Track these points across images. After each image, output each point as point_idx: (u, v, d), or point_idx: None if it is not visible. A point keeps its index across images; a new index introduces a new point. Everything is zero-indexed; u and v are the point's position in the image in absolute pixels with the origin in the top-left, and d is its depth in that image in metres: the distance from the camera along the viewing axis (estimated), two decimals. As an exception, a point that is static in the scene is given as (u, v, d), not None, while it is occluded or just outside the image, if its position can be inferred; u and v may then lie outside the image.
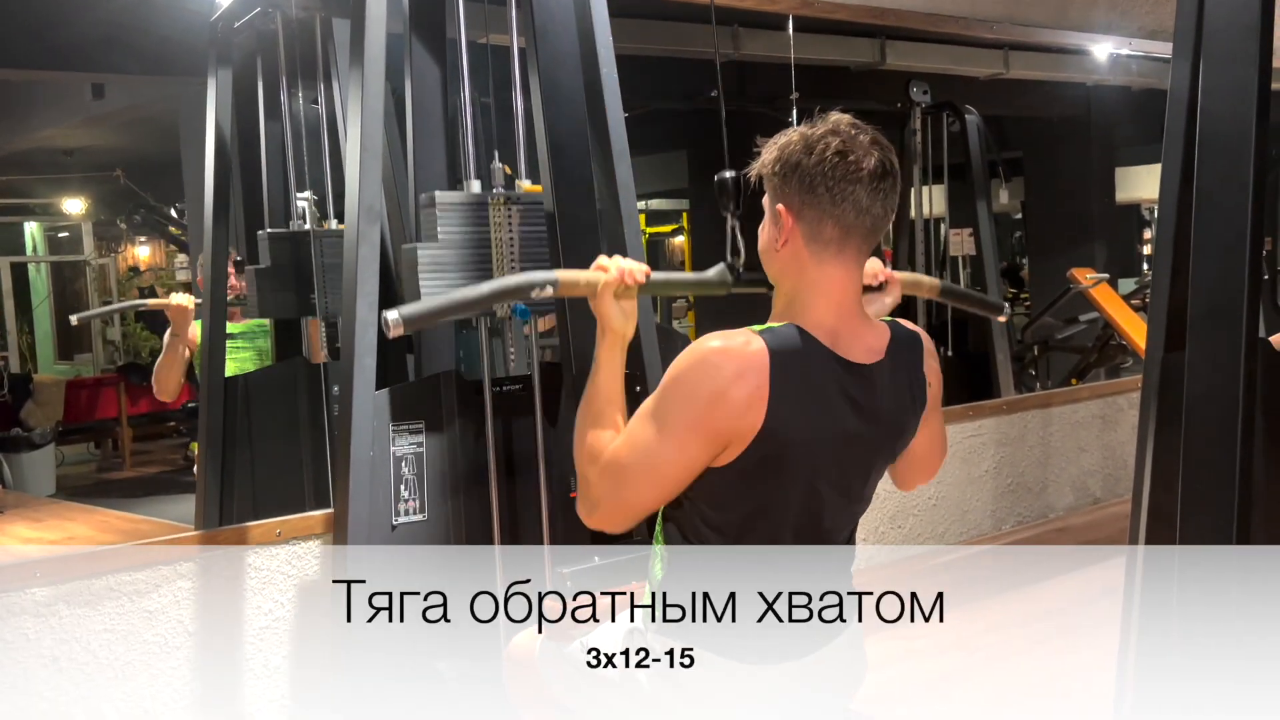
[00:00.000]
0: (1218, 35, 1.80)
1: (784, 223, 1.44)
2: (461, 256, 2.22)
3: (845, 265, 1.45)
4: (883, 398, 1.48)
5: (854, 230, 1.43)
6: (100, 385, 7.20)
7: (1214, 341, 1.78)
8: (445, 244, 2.20)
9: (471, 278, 2.21)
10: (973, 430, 4.22)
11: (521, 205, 2.30)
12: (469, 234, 2.24)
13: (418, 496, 2.32)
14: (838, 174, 1.40)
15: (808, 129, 1.44)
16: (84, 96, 4.90)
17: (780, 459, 1.41)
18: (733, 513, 1.46)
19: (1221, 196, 1.78)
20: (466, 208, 2.25)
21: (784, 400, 1.38)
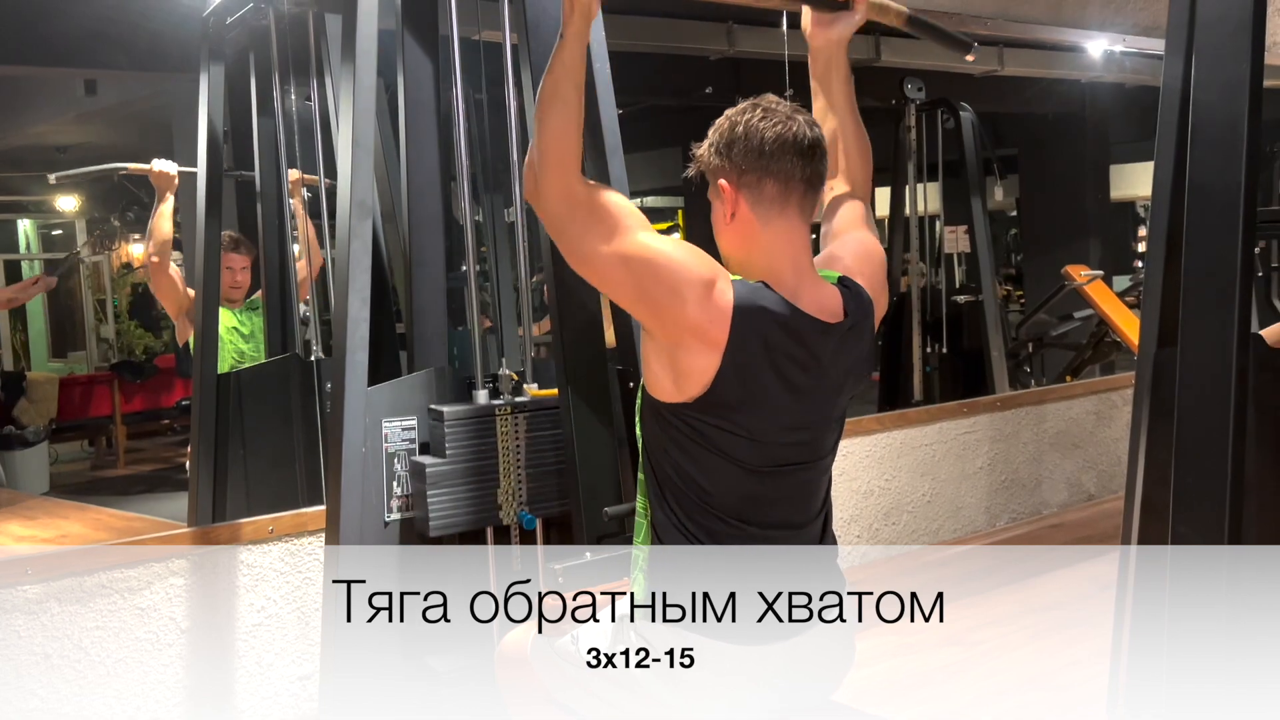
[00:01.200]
0: (1210, 31, 1.80)
1: (727, 196, 1.53)
2: (469, 469, 2.25)
3: (791, 222, 1.52)
4: (839, 355, 1.54)
5: (793, 185, 1.51)
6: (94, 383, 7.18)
7: (1206, 337, 1.78)
8: (453, 458, 2.23)
9: (478, 488, 2.25)
10: (967, 427, 4.22)
11: (528, 413, 2.31)
12: (476, 446, 2.26)
13: (410, 492, 2.31)
14: (766, 135, 1.50)
15: (732, 110, 1.54)
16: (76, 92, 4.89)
17: (739, 402, 1.47)
18: (700, 457, 1.50)
19: (1214, 192, 1.78)
20: (474, 421, 2.26)
21: (740, 351, 1.45)
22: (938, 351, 5.43)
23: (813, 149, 1.51)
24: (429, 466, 2.20)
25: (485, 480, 2.27)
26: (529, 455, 2.31)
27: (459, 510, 2.22)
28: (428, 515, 2.19)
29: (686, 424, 1.49)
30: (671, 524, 1.53)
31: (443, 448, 2.22)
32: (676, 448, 1.51)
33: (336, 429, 2.15)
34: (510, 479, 2.29)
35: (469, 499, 2.23)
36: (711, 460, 1.50)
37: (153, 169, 3.24)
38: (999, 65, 4.96)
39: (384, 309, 3.00)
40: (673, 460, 1.51)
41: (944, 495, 4.15)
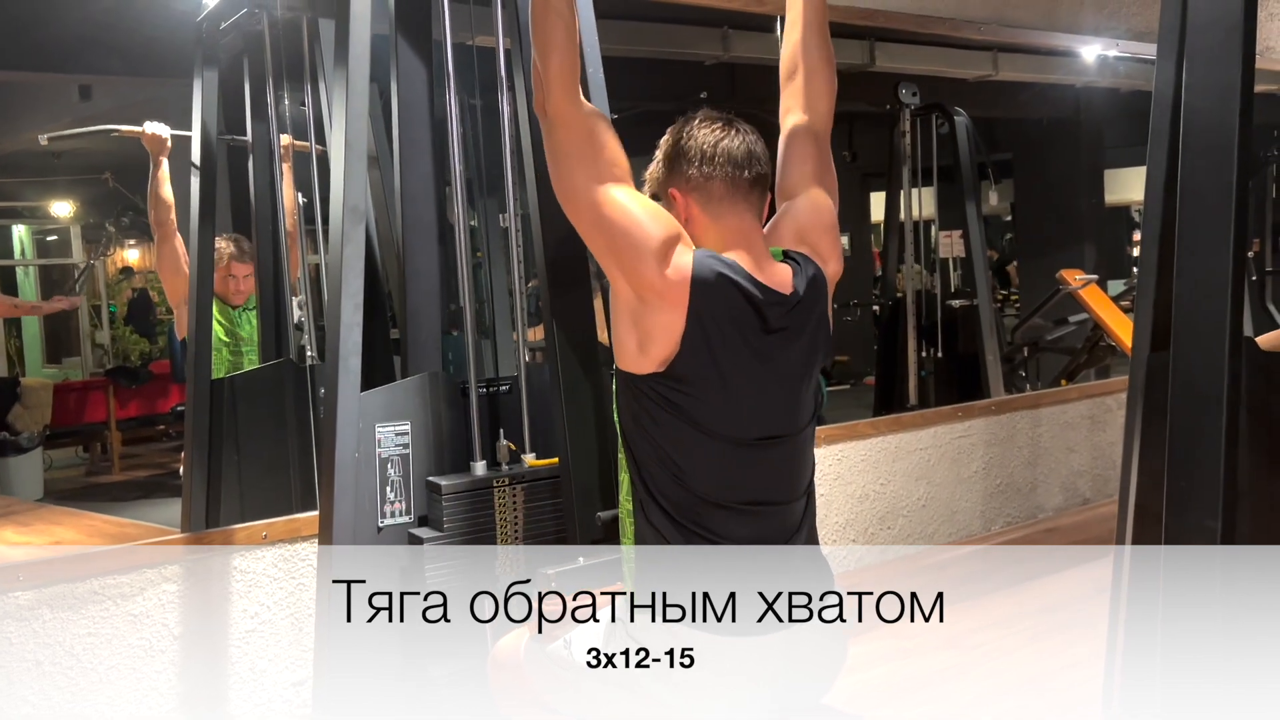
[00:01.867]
0: (1201, 35, 1.80)
1: (678, 201, 1.61)
2: (466, 541, 2.24)
3: (740, 216, 1.60)
4: (799, 322, 1.59)
5: (738, 180, 1.59)
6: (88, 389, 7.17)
7: (1199, 341, 1.78)
8: (450, 533, 2.22)
9: (475, 562, 2.24)
10: (962, 431, 4.22)
11: (526, 484, 2.31)
12: (474, 519, 2.26)
13: (404, 498, 2.31)
14: (704, 139, 1.60)
15: (672, 128, 1.66)
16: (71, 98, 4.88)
17: (705, 368, 1.52)
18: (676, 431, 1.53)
19: (1206, 196, 1.78)
20: (471, 494, 2.26)
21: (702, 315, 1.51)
22: (933, 356, 5.43)
23: (750, 158, 1.60)
24: (427, 541, 2.21)
25: (483, 553, 2.26)
26: (527, 526, 2.30)
27: (456, 584, 2.22)
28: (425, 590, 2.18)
29: (657, 393, 1.52)
30: (654, 503, 1.54)
31: (440, 522, 2.22)
32: (649, 419, 1.53)
33: (329, 434, 2.15)
34: (508, 552, 2.28)
35: (467, 573, 2.23)
36: (685, 433, 1.52)
37: (144, 131, 3.23)
38: (993, 70, 4.97)
39: (377, 314, 3.00)
40: (648, 435, 1.53)
41: (939, 499, 4.14)
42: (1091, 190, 7.81)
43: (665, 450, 1.53)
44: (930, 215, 5.64)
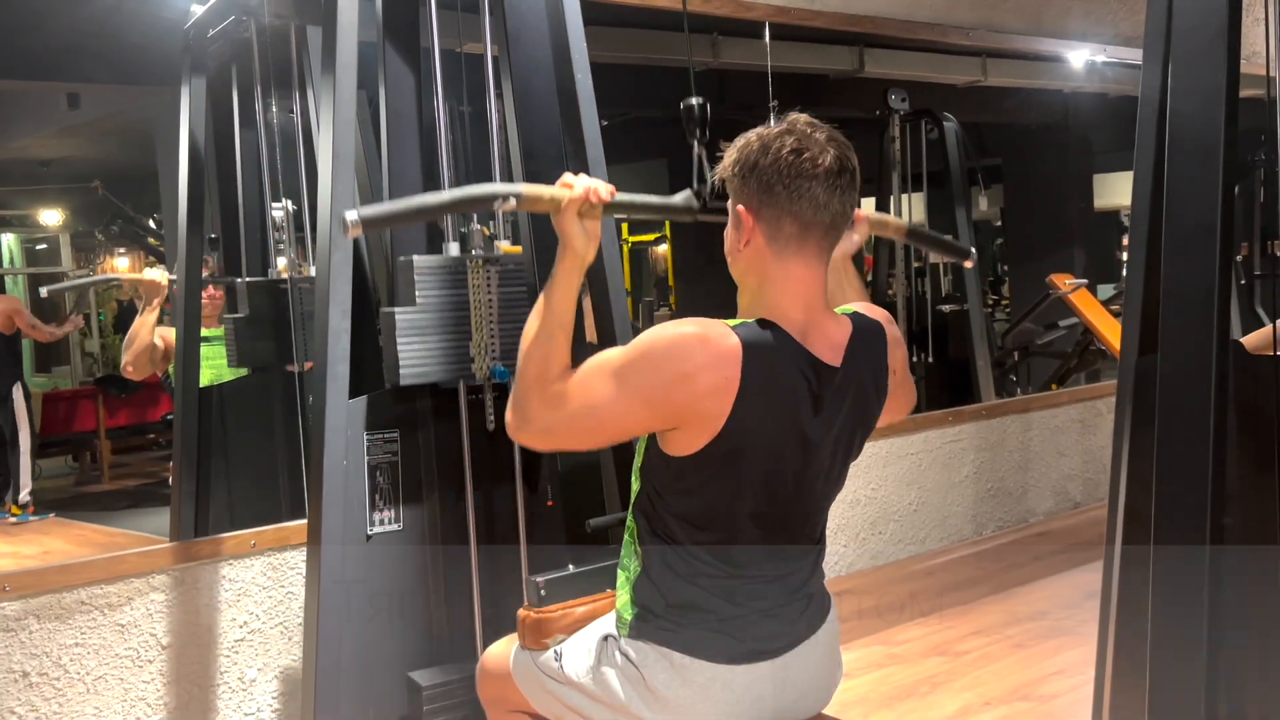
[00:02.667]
0: (1186, 39, 1.81)
1: (744, 223, 1.47)
2: (440, 319, 2.21)
3: (807, 261, 1.47)
4: (846, 397, 1.50)
5: (813, 226, 1.45)
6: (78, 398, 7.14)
7: (1186, 343, 1.78)
8: (423, 308, 2.19)
9: (451, 340, 2.21)
10: (953, 435, 4.22)
11: (500, 267, 2.29)
12: (447, 297, 2.22)
13: (393, 506, 2.30)
14: (793, 171, 1.42)
15: (764, 130, 1.46)
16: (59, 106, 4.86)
17: (743, 451, 1.43)
18: (698, 502, 1.47)
19: (1192, 199, 1.78)
20: (444, 271, 2.23)
21: (751, 396, 1.40)
22: (924, 361, 5.44)
23: (844, 184, 1.44)
24: (399, 314, 2.15)
25: (457, 332, 2.21)
26: (501, 309, 2.26)
27: (430, 361, 2.18)
28: (398, 364, 2.13)
29: (684, 469, 1.45)
30: (662, 553, 1.50)
31: (412, 296, 2.16)
32: (670, 490, 1.48)
33: (318, 442, 2.14)
34: (483, 332, 2.24)
35: (440, 350, 2.18)
36: (709, 502, 1.47)
37: (144, 278, 3.19)
38: (982, 75, 4.99)
39: (366, 322, 2.99)
40: (665, 498, 1.48)
41: (930, 504, 4.15)
42: (1081, 195, 7.84)
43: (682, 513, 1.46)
44: (920, 220, 5.65)
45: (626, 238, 10.29)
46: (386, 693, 2.28)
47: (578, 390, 1.45)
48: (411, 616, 2.32)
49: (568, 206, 1.52)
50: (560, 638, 1.70)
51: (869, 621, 3.53)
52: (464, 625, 2.35)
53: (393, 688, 2.28)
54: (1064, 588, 3.84)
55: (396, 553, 2.30)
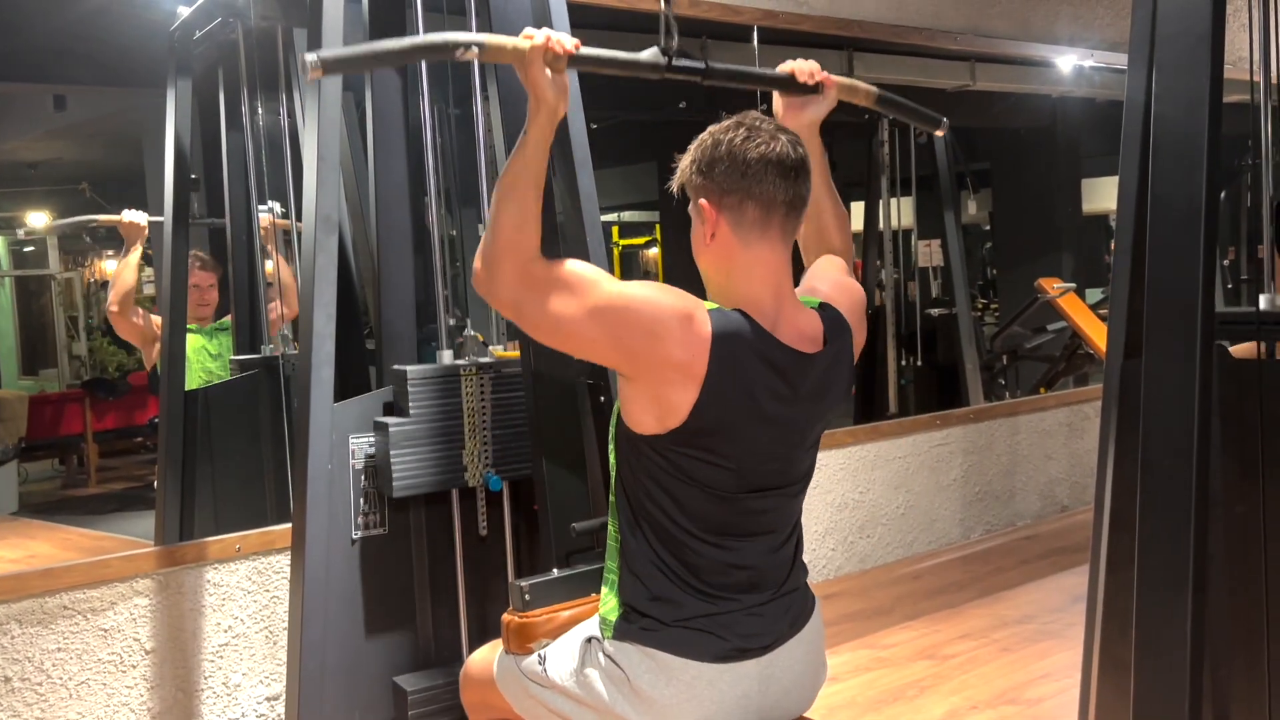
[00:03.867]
0: (1170, 44, 1.81)
1: (708, 216, 1.50)
2: (433, 429, 2.22)
3: (772, 246, 1.50)
4: (818, 385, 1.53)
5: (774, 208, 1.48)
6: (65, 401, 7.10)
7: (1170, 348, 1.79)
8: (417, 419, 2.19)
9: (444, 450, 2.22)
10: (940, 439, 4.23)
11: (494, 374, 2.29)
12: (441, 406, 2.23)
13: (378, 510, 2.29)
14: (750, 155, 1.47)
15: (715, 127, 1.51)
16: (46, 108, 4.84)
17: (710, 434, 1.45)
18: (669, 490, 1.49)
19: (1175, 203, 1.79)
20: (438, 381, 2.23)
21: (716, 384, 1.43)
22: (913, 364, 5.45)
23: (796, 170, 1.49)
24: (392, 426, 2.15)
25: (450, 441, 2.22)
26: (495, 416, 2.27)
27: (423, 471, 2.18)
28: (391, 476, 2.14)
29: (663, 456, 1.47)
30: (643, 552, 1.51)
31: (406, 407, 2.17)
32: (651, 479, 1.49)
33: (302, 446, 2.13)
34: (476, 440, 2.25)
35: (434, 460, 2.19)
36: (686, 491, 1.49)
37: (122, 220, 3.22)
38: (971, 80, 5.00)
39: (352, 324, 2.98)
40: (646, 489, 1.50)
41: (918, 507, 4.15)
42: (1069, 199, 7.86)
43: (661, 503, 1.48)
44: (909, 225, 5.66)
45: (617, 241, 10.30)
46: (371, 698, 2.27)
47: (555, 296, 1.43)
48: (397, 621, 2.31)
49: (532, 56, 1.49)
50: (545, 642, 1.69)
51: (856, 625, 3.53)
52: (449, 630, 2.34)
53: (378, 693, 2.27)
54: (1051, 591, 3.84)
55: (382, 557, 2.29)
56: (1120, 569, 1.95)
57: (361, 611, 2.26)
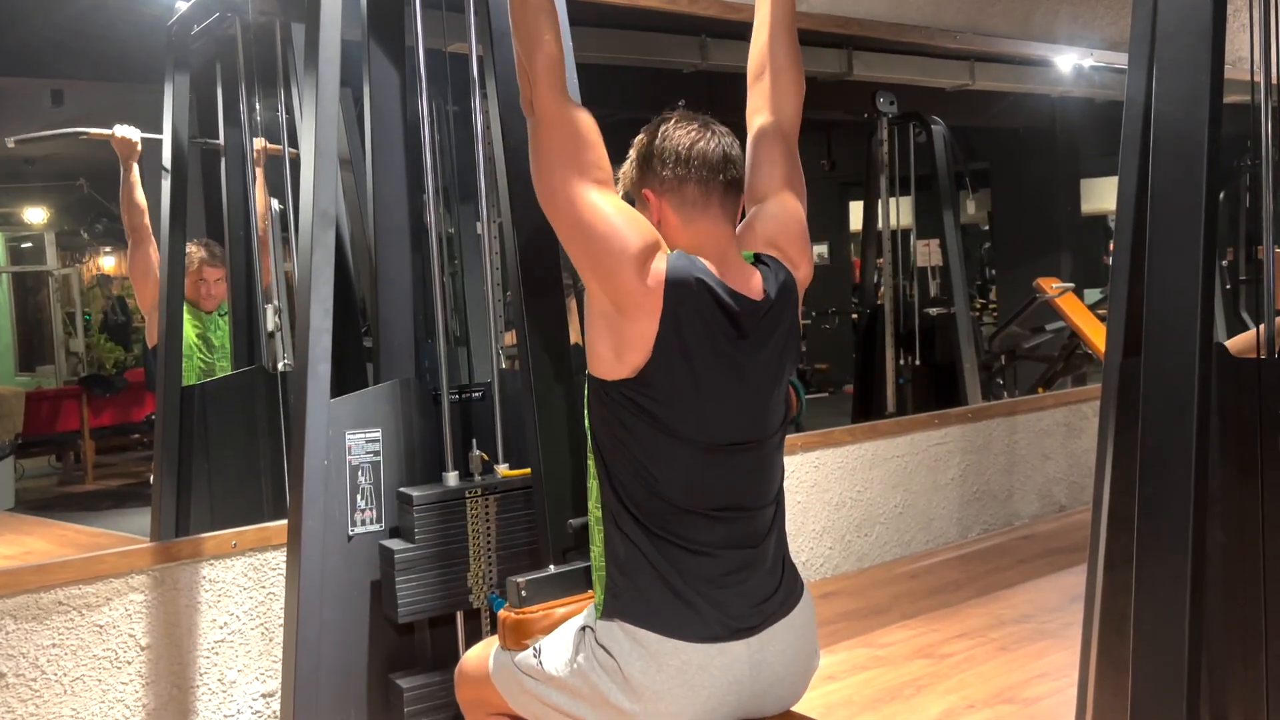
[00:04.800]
0: (1170, 42, 1.81)
1: (652, 204, 1.60)
2: (438, 553, 2.20)
3: (714, 220, 1.59)
4: (766, 327, 1.58)
5: (712, 185, 1.58)
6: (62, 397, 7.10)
7: (1169, 346, 1.78)
8: (421, 544, 2.19)
9: (447, 572, 2.21)
10: (939, 438, 4.23)
11: (499, 494, 2.28)
12: (446, 530, 2.22)
13: (375, 506, 2.28)
14: (680, 140, 1.58)
15: (647, 126, 1.64)
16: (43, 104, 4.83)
17: (673, 371, 1.51)
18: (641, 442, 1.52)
19: (1175, 202, 1.78)
20: (442, 504, 2.22)
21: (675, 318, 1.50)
22: (911, 364, 5.45)
23: (725, 161, 1.59)
24: (397, 553, 2.16)
25: (455, 564, 2.23)
26: (500, 537, 2.27)
27: (428, 596, 2.19)
28: (396, 602, 2.15)
29: (629, 399, 1.51)
30: (623, 509, 1.53)
31: (412, 533, 2.18)
32: (621, 427, 1.52)
33: (299, 442, 2.13)
34: (480, 562, 2.25)
35: (438, 584, 2.20)
36: (657, 440, 1.51)
37: (114, 134, 3.19)
38: (970, 79, 5.00)
39: (349, 320, 2.97)
40: (618, 440, 1.52)
41: (916, 507, 4.15)
42: (1068, 199, 7.87)
43: (636, 456, 1.52)
44: (908, 224, 5.66)
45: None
46: (367, 695, 2.26)
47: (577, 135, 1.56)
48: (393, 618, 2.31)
49: None
50: (540, 638, 1.69)
51: (854, 623, 3.53)
52: (446, 627, 2.33)
53: (374, 690, 2.27)
54: (1048, 591, 3.84)
55: (378, 553, 2.28)
56: (1118, 569, 1.95)
57: (357, 608, 2.26)
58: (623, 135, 1.72)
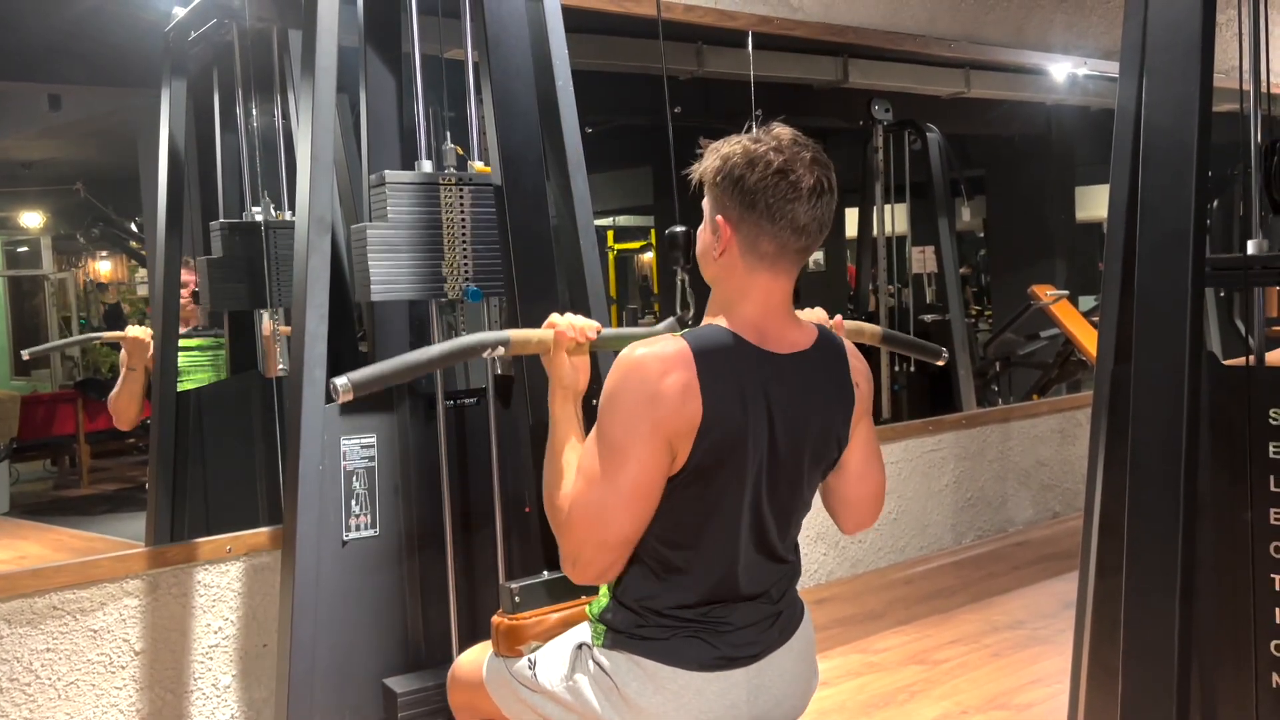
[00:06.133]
0: (1160, 52, 1.82)
1: (723, 234, 1.48)
2: (411, 237, 2.18)
3: (777, 276, 1.50)
4: (808, 387, 1.51)
5: (789, 246, 1.47)
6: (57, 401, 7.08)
7: (1159, 354, 1.80)
8: (395, 223, 2.16)
9: (422, 258, 2.18)
10: (933, 444, 4.24)
11: (473, 186, 2.26)
12: (419, 214, 2.19)
13: (369, 511, 2.29)
14: (778, 193, 1.43)
15: (751, 142, 1.46)
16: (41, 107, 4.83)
17: (725, 447, 1.43)
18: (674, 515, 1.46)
19: (1165, 210, 1.80)
20: (417, 188, 2.20)
21: (715, 390, 1.42)
22: (905, 370, 5.46)
23: (824, 201, 1.45)
24: (370, 229, 2.13)
25: (429, 251, 2.19)
26: (474, 230, 2.24)
27: (402, 279, 2.15)
28: (369, 280, 2.11)
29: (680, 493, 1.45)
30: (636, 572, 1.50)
31: (385, 212, 2.15)
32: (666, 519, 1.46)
33: (294, 446, 2.13)
34: (455, 252, 2.22)
35: (412, 267, 2.16)
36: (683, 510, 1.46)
37: (127, 335, 3.12)
38: (966, 87, 5.02)
39: (345, 326, 2.98)
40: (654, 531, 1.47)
41: (910, 513, 4.16)
42: (1063, 207, 7.89)
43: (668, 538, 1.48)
44: (903, 231, 5.67)
45: (612, 245, 10.30)
46: (361, 699, 2.26)
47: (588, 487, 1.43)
48: (387, 623, 2.31)
49: (556, 347, 1.59)
50: (534, 644, 1.69)
51: (847, 629, 3.53)
52: (440, 631, 2.34)
53: (368, 694, 2.27)
54: (1041, 597, 3.85)
55: (372, 558, 2.29)
56: (1110, 575, 1.96)
57: (351, 613, 2.26)
58: (620, 141, 1.71)
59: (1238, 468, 1.85)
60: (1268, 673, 1.83)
